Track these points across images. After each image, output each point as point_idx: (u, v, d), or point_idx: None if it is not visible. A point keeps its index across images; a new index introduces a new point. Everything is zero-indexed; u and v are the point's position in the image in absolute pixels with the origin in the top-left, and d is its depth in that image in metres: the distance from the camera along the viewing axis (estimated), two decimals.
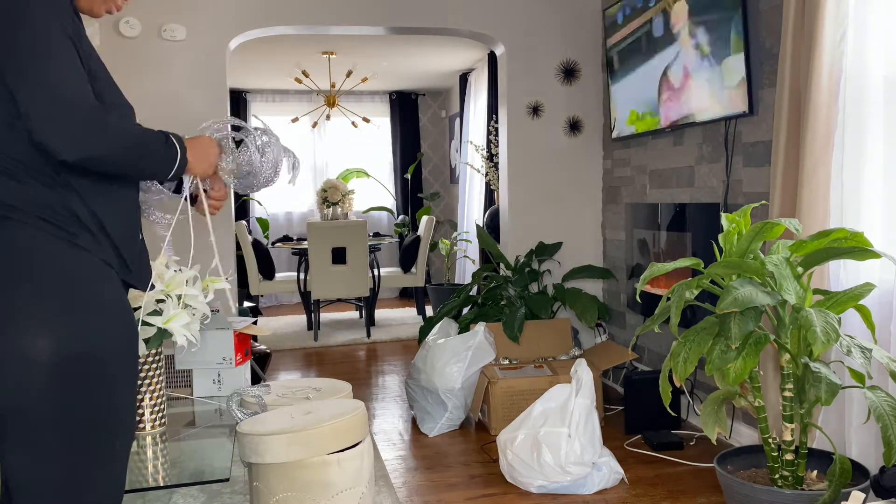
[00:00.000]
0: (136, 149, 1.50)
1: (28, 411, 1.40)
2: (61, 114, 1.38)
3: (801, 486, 2.23)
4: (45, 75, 1.38)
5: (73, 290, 1.45)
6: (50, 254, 1.44)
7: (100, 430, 1.47)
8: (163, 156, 1.57)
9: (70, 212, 1.47)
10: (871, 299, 2.44)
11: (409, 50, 6.47)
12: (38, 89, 1.37)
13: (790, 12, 2.74)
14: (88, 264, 1.48)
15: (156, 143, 1.55)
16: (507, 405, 3.61)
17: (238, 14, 4.30)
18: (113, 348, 1.48)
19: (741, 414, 3.37)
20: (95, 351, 1.45)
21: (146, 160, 1.53)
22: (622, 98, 4.22)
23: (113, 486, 1.53)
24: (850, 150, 2.60)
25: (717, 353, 2.09)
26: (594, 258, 4.79)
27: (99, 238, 1.51)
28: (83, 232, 1.48)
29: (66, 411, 1.42)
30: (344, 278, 6.15)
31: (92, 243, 1.49)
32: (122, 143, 1.46)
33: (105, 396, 1.47)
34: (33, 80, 1.38)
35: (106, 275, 1.51)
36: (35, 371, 1.39)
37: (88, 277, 1.47)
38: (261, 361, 4.14)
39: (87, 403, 1.44)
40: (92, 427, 1.46)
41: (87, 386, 1.44)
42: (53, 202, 1.46)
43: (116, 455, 1.52)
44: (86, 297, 1.46)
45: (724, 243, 2.27)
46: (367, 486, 1.92)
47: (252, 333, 2.62)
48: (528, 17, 4.61)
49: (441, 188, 8.92)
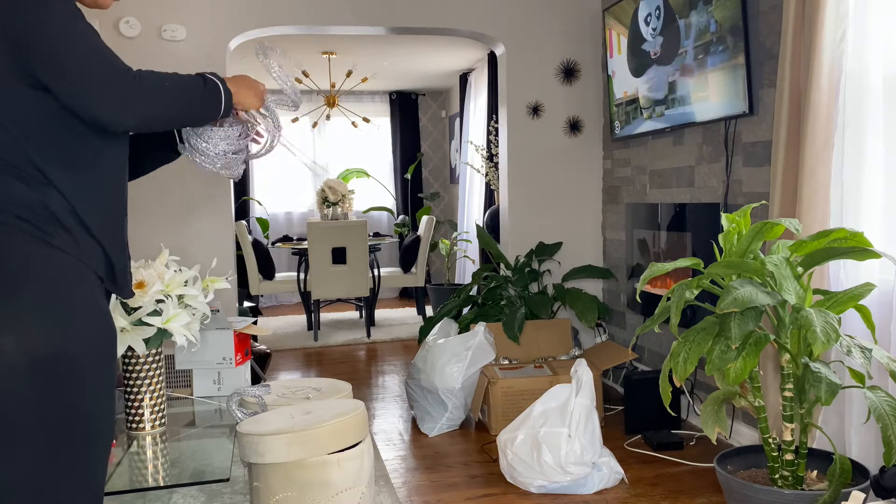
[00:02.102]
0: (184, 97, 1.54)
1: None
2: (112, 86, 1.43)
3: (801, 486, 2.23)
4: (85, 58, 1.42)
5: (43, 289, 1.43)
6: (21, 252, 1.43)
7: (71, 433, 1.44)
8: (208, 96, 1.59)
9: (48, 211, 1.46)
10: (871, 299, 2.44)
11: (409, 50, 6.47)
12: (83, 72, 1.41)
13: (790, 12, 2.74)
14: (61, 264, 1.46)
15: (196, 86, 1.58)
16: (507, 405, 3.61)
17: (238, 14, 4.30)
18: (83, 349, 1.45)
19: (741, 414, 3.37)
20: (65, 351, 1.43)
21: (195, 105, 1.57)
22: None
23: (87, 491, 1.49)
24: (850, 150, 2.60)
25: (717, 353, 2.09)
26: (594, 258, 4.79)
27: (79, 239, 1.50)
28: (60, 231, 1.47)
29: (34, 412, 1.40)
30: (344, 278, 6.15)
31: (69, 244, 1.48)
32: (170, 99, 1.51)
33: (76, 398, 1.44)
34: (76, 64, 1.41)
35: (81, 275, 1.49)
36: (1, 371, 1.38)
37: (60, 277, 1.45)
38: (261, 361, 4.13)
39: (56, 405, 1.42)
40: (62, 429, 1.43)
41: (56, 387, 1.42)
42: (31, 200, 1.45)
43: (91, 459, 1.49)
44: (57, 296, 1.44)
45: (724, 243, 2.27)
46: (367, 486, 1.92)
47: (252, 333, 2.62)
48: (528, 17, 4.61)
49: (441, 188, 8.92)
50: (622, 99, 4.24)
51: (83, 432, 1.47)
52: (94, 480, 1.51)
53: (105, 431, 1.51)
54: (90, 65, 1.42)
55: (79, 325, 1.46)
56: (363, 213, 8.45)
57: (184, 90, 1.54)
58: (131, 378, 2.14)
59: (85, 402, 1.46)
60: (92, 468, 1.50)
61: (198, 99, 1.57)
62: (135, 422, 2.15)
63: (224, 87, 1.63)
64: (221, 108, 1.63)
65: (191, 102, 1.56)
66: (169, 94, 1.51)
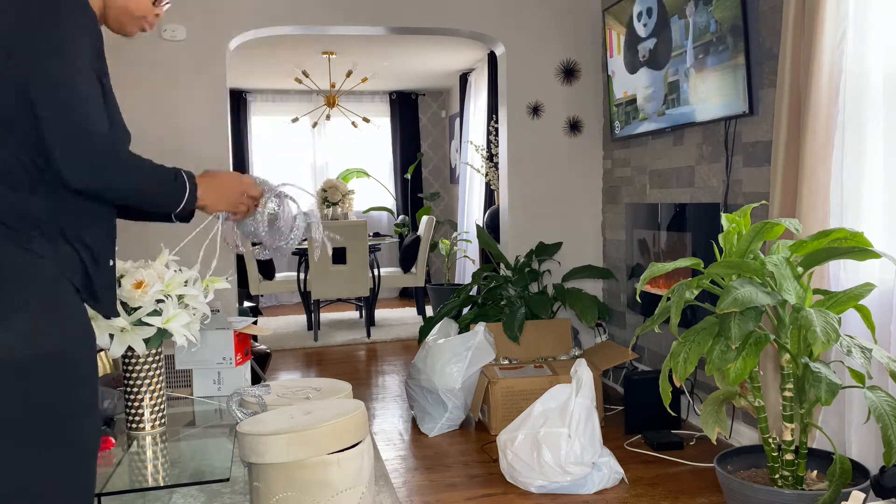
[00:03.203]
0: (144, 182, 1.53)
1: None
2: (77, 143, 1.42)
3: (801, 486, 2.23)
4: (67, 102, 1.42)
5: (13, 291, 1.43)
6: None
7: (54, 435, 1.44)
8: (169, 190, 1.59)
9: (29, 217, 1.47)
10: (871, 299, 2.44)
11: (409, 50, 6.47)
12: (60, 115, 1.42)
13: (790, 12, 2.74)
14: (38, 268, 1.46)
15: (164, 177, 1.58)
16: (507, 405, 3.61)
17: (238, 14, 4.30)
18: (54, 352, 1.45)
19: (741, 414, 3.37)
20: (36, 355, 1.42)
21: (153, 194, 1.57)
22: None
23: (76, 495, 1.48)
24: (850, 150, 2.60)
25: (717, 353, 2.09)
26: (594, 258, 4.79)
27: (57, 246, 1.50)
28: (39, 237, 1.47)
29: (6, 413, 1.40)
30: (344, 278, 6.15)
31: (47, 250, 1.48)
32: (130, 176, 1.51)
33: (51, 399, 1.44)
34: (57, 104, 1.42)
35: (56, 281, 1.48)
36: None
37: (36, 281, 1.45)
38: (261, 361, 4.13)
39: (28, 406, 1.42)
40: (45, 431, 1.43)
41: (35, 390, 1.42)
42: (14, 204, 1.46)
43: (72, 464, 1.48)
44: (28, 299, 1.44)
45: (724, 243, 2.27)
46: (367, 486, 1.92)
47: (252, 333, 2.62)
48: (528, 17, 4.62)
49: (441, 188, 8.92)
50: (622, 99, 4.24)
51: (65, 434, 1.46)
52: (80, 478, 1.50)
53: (83, 432, 1.50)
54: (74, 115, 1.42)
55: (52, 328, 1.45)
56: (363, 213, 8.45)
57: (150, 176, 1.55)
58: (131, 378, 2.14)
59: (59, 404, 1.45)
60: (77, 469, 1.49)
61: (159, 189, 1.57)
62: (135, 422, 2.15)
63: (191, 187, 1.62)
64: (180, 205, 1.62)
65: (151, 191, 1.56)
66: (134, 175, 1.51)
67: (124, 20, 1.66)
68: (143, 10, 1.67)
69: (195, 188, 1.63)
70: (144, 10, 1.67)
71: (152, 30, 2.11)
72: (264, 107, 8.34)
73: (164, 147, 4.23)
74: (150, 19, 1.69)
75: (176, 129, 4.29)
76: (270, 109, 8.35)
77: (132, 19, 1.67)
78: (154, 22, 1.71)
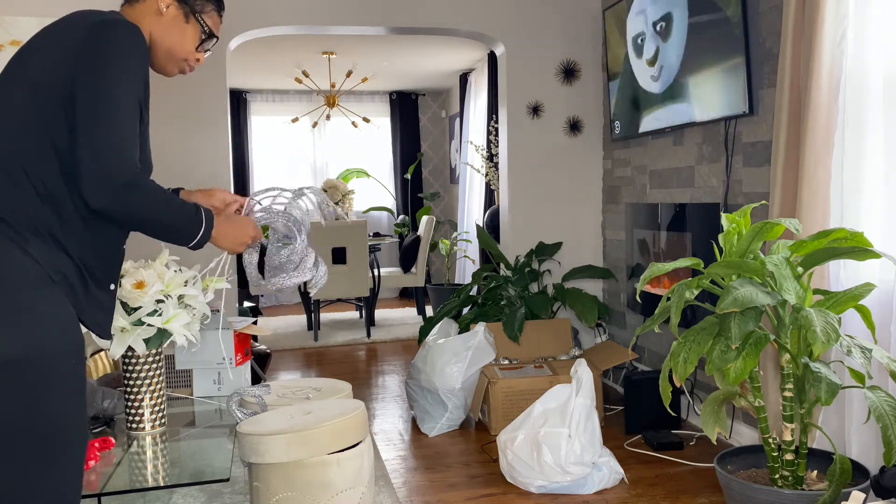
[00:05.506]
0: (162, 214, 1.57)
1: None
2: (106, 163, 1.46)
3: (801, 486, 2.23)
4: (106, 129, 1.46)
5: (6, 292, 1.43)
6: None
7: (42, 438, 1.44)
8: (184, 227, 1.63)
9: (31, 220, 1.48)
10: (871, 299, 2.44)
11: (409, 50, 6.47)
12: (95, 139, 1.45)
13: (790, 12, 2.74)
14: (30, 270, 1.46)
15: (182, 214, 1.61)
16: (507, 405, 3.61)
17: (238, 14, 4.30)
18: (39, 356, 1.45)
19: (741, 414, 3.37)
20: (20, 358, 1.42)
21: (168, 228, 1.60)
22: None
23: (64, 497, 1.49)
24: (850, 150, 2.60)
25: (717, 353, 2.09)
26: (594, 258, 4.79)
27: (53, 253, 1.50)
28: (37, 241, 1.48)
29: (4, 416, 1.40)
30: (344, 278, 6.15)
31: (43, 254, 1.48)
32: (150, 207, 1.54)
33: (34, 404, 1.44)
34: (96, 129, 1.45)
35: (46, 285, 1.48)
36: None
37: (26, 282, 1.46)
38: (261, 361, 4.13)
39: (9, 410, 1.42)
40: (31, 434, 1.43)
41: (22, 392, 1.42)
42: (19, 204, 1.47)
43: (57, 469, 1.48)
44: (16, 303, 1.44)
45: (724, 243, 2.27)
46: (367, 486, 1.92)
47: (252, 333, 2.62)
48: (528, 17, 4.61)
49: (441, 188, 8.92)
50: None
51: (54, 437, 1.46)
52: (65, 485, 1.50)
53: (69, 438, 1.50)
54: (112, 135, 1.46)
55: (38, 333, 1.45)
56: (363, 213, 8.45)
57: (169, 211, 1.58)
58: (131, 378, 2.14)
59: (44, 409, 1.45)
60: (62, 475, 1.49)
61: (175, 224, 1.61)
62: (135, 422, 2.15)
63: (207, 226, 1.67)
64: (195, 240, 1.66)
65: (167, 224, 1.59)
66: (153, 206, 1.55)
67: (167, 61, 1.71)
68: (187, 53, 1.72)
69: (210, 228, 1.68)
70: (188, 53, 1.72)
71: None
72: (264, 107, 8.34)
73: (165, 147, 4.23)
74: (191, 62, 1.75)
75: (176, 130, 4.28)
76: (270, 109, 8.35)
77: (175, 61, 1.72)
78: (195, 66, 1.76)
